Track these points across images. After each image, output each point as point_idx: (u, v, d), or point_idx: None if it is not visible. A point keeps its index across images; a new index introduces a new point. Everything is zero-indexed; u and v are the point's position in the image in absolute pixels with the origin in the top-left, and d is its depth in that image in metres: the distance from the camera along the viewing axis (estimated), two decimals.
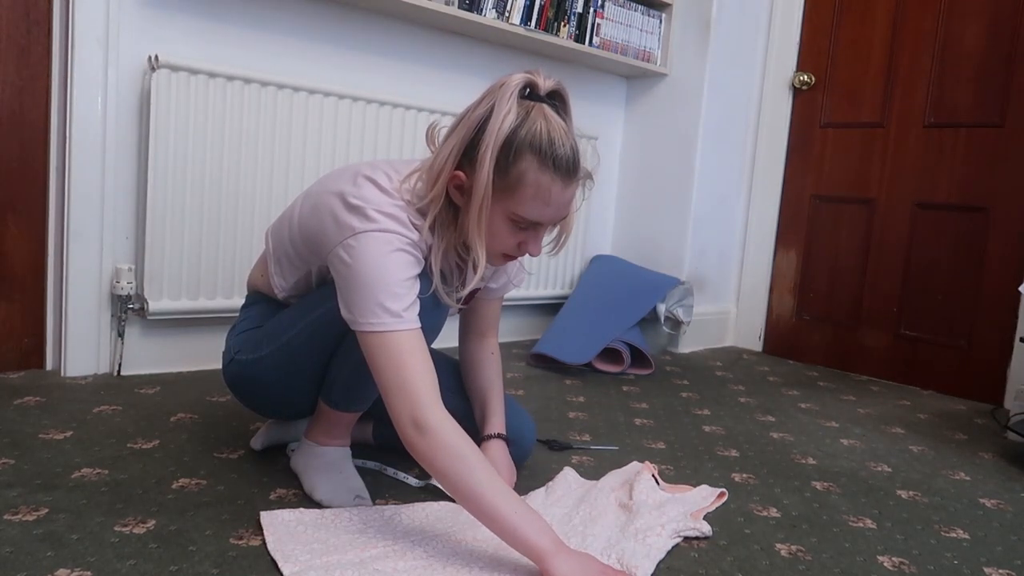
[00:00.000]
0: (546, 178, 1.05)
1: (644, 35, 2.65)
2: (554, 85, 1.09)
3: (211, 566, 0.98)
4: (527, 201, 1.06)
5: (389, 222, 1.05)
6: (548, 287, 2.65)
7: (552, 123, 1.05)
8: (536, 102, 1.06)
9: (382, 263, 1.04)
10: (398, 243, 1.05)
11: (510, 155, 1.04)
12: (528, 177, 1.04)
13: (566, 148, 1.05)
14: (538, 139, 1.03)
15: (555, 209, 1.08)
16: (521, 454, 1.39)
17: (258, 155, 1.88)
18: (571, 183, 1.08)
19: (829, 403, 2.16)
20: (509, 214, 1.07)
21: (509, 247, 1.11)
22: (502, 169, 1.04)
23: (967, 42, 2.38)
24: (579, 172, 1.09)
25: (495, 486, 1.00)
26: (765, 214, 2.84)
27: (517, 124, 1.04)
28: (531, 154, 1.04)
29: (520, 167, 1.04)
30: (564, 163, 1.05)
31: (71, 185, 1.72)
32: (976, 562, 1.20)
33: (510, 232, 1.09)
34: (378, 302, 1.03)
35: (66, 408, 1.54)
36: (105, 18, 1.70)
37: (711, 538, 1.19)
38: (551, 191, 1.06)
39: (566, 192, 1.08)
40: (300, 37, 2.01)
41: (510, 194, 1.06)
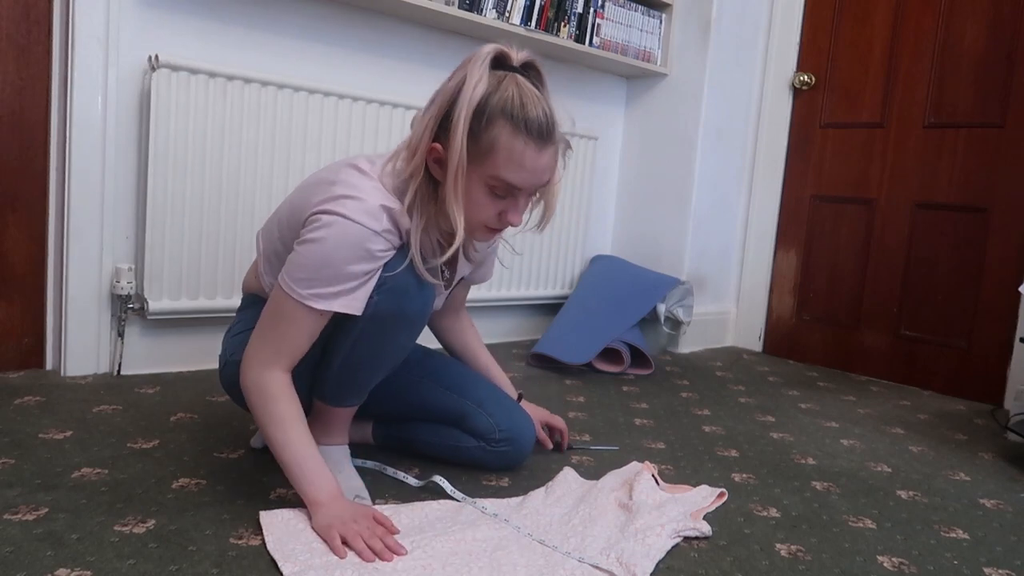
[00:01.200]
0: (519, 142, 1.06)
1: (644, 35, 2.65)
2: (527, 57, 1.12)
3: (211, 566, 0.98)
4: (501, 165, 1.07)
5: (358, 211, 1.06)
6: (548, 287, 2.65)
7: (524, 89, 1.08)
8: (508, 72, 1.09)
9: (326, 247, 1.06)
10: (355, 234, 1.06)
11: (483, 121, 1.06)
12: (501, 141, 1.06)
13: (538, 112, 1.07)
14: (510, 104, 1.06)
15: (531, 173, 1.09)
16: (520, 452, 1.39)
17: (258, 155, 1.88)
18: (545, 147, 1.09)
19: (829, 403, 2.16)
20: (486, 180, 1.09)
21: (490, 217, 1.12)
22: (476, 136, 1.06)
23: (967, 42, 2.38)
24: (554, 136, 1.10)
25: (292, 438, 1.08)
26: (765, 214, 2.84)
27: (489, 91, 1.06)
28: (503, 119, 1.06)
29: (493, 132, 1.06)
30: (536, 126, 1.07)
31: (71, 185, 1.72)
32: (976, 562, 1.20)
33: (489, 200, 1.11)
34: (306, 276, 1.07)
35: (66, 408, 1.54)
36: (105, 18, 1.70)
37: (711, 538, 1.19)
38: (525, 154, 1.07)
39: (541, 156, 1.09)
40: (300, 37, 2.01)
41: (485, 159, 1.07)
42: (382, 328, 1.15)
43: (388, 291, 1.11)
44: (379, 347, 1.17)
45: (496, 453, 1.37)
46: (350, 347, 1.17)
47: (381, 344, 1.17)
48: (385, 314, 1.13)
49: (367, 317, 1.12)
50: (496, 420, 1.36)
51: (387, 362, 1.22)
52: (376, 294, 1.11)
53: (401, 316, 1.14)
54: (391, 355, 1.21)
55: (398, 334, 1.17)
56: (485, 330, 2.55)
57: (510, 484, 1.35)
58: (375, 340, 1.16)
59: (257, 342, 1.12)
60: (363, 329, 1.14)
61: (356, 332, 1.15)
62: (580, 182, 2.66)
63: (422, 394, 1.39)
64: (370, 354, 1.18)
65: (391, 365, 1.24)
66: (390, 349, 1.19)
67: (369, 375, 1.22)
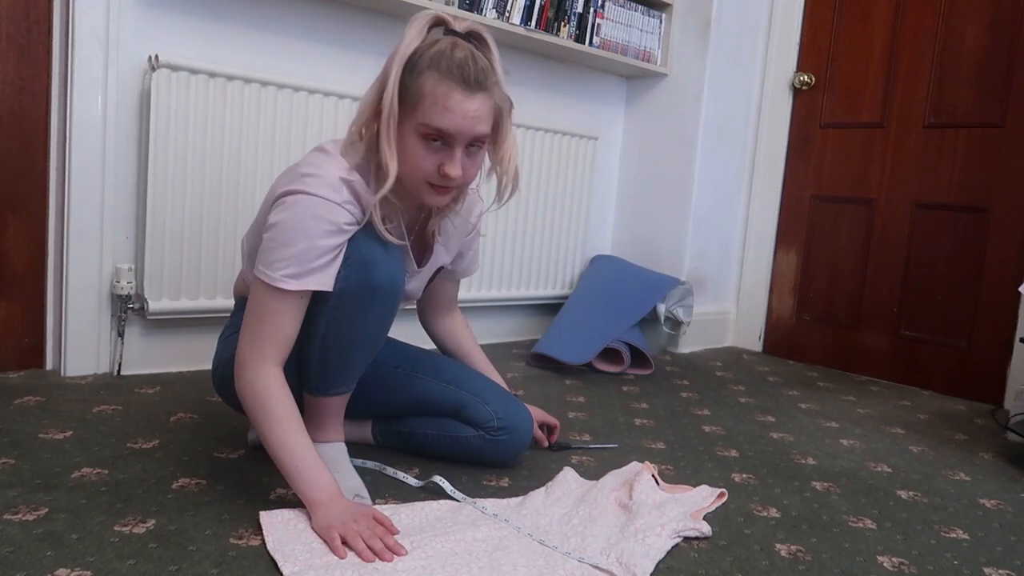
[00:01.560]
0: (444, 86, 1.09)
1: (644, 35, 2.65)
2: (470, 26, 1.15)
3: (211, 566, 0.98)
4: (428, 110, 1.09)
5: (318, 186, 1.10)
6: (548, 287, 2.65)
7: (458, 44, 1.11)
8: (447, 34, 1.13)
9: (292, 224, 1.09)
10: (319, 207, 1.09)
11: (414, 73, 1.09)
12: (427, 87, 1.09)
13: (465, 58, 1.10)
14: (440, 55, 1.09)
15: (458, 117, 1.10)
16: (519, 443, 1.40)
17: (258, 155, 1.88)
18: (473, 92, 1.10)
19: (829, 403, 2.16)
20: (417, 128, 1.11)
21: (429, 171, 1.13)
22: (407, 88, 1.10)
23: (967, 42, 2.38)
24: (485, 85, 1.11)
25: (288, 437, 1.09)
26: (765, 214, 2.84)
27: (423, 46, 1.10)
28: (432, 68, 1.09)
29: (421, 80, 1.09)
30: (461, 71, 1.09)
31: (71, 185, 1.72)
32: (976, 562, 1.20)
33: (425, 151, 1.12)
34: (278, 257, 1.09)
35: (66, 408, 1.54)
36: (105, 18, 1.70)
37: (711, 538, 1.19)
38: (450, 96, 1.09)
39: (469, 101, 1.10)
40: (300, 37, 2.01)
41: (415, 108, 1.10)
42: (354, 303, 1.16)
43: (354, 264, 1.14)
44: (354, 324, 1.18)
45: (495, 442, 1.37)
46: (326, 327, 1.18)
47: (355, 320, 1.18)
48: (355, 288, 1.14)
49: (337, 293, 1.14)
50: (494, 409, 1.37)
51: (365, 341, 1.21)
52: (343, 268, 1.13)
53: (371, 288, 1.15)
54: (368, 333, 1.21)
55: (371, 309, 1.17)
56: (485, 330, 2.55)
57: (510, 484, 1.35)
58: (349, 317, 1.17)
59: (245, 341, 1.14)
60: (335, 306, 1.16)
61: (329, 311, 1.16)
62: (580, 182, 2.66)
63: (419, 388, 1.40)
64: (346, 332, 1.19)
65: (371, 345, 1.23)
66: (365, 326, 1.19)
67: (349, 356, 1.22)
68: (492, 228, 2.44)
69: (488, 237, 2.43)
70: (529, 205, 2.53)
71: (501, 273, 2.49)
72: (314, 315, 1.17)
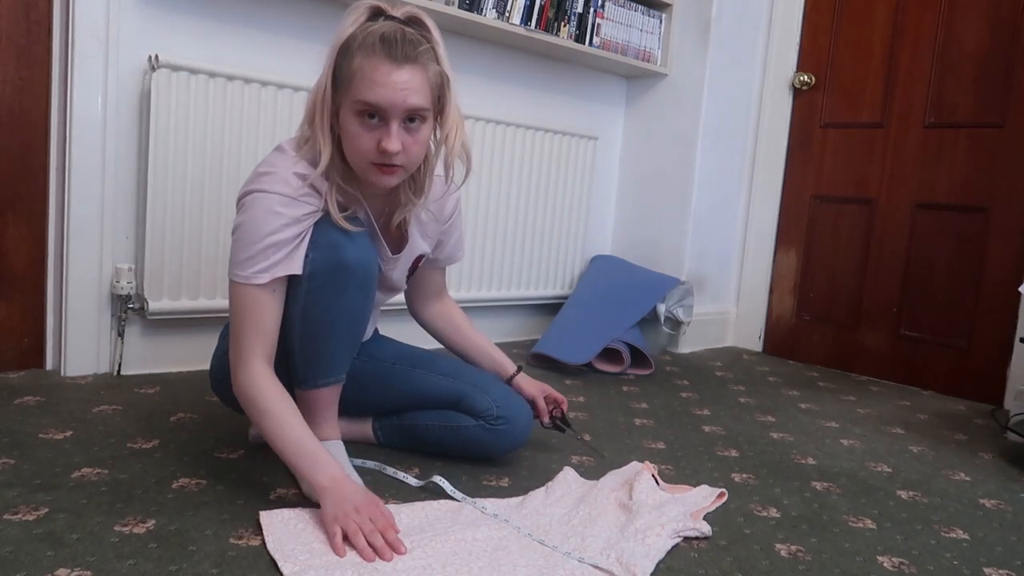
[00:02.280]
0: (372, 61, 1.11)
1: (644, 35, 2.65)
2: (409, 11, 1.16)
3: (211, 566, 0.98)
4: (359, 85, 1.11)
5: (272, 182, 1.13)
6: (548, 287, 2.65)
7: (389, 26, 1.12)
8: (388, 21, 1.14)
9: (253, 223, 1.13)
10: (275, 203, 1.12)
11: (347, 55, 1.12)
12: (357, 64, 1.11)
13: (390, 30, 1.11)
14: (370, 36, 1.12)
15: (388, 89, 1.11)
16: (518, 433, 1.40)
17: (258, 155, 1.88)
18: (401, 63, 1.11)
19: (829, 403, 2.16)
20: (352, 107, 1.13)
21: (369, 150, 1.14)
22: (342, 69, 1.13)
23: (967, 42, 2.38)
24: (412, 57, 1.12)
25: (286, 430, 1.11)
26: (765, 214, 2.84)
27: (357, 32, 1.12)
28: (362, 48, 1.12)
29: (353, 61, 1.12)
30: (387, 45, 1.11)
31: (71, 185, 1.72)
32: (976, 562, 1.20)
33: (362, 128, 1.13)
34: (245, 256, 1.13)
35: (66, 408, 1.54)
36: (105, 18, 1.70)
37: (711, 538, 1.19)
38: (378, 69, 1.10)
39: (398, 72, 1.11)
40: (300, 37, 2.01)
41: (348, 89, 1.12)
42: (326, 284, 1.17)
43: (322, 246, 1.16)
44: (330, 306, 1.18)
45: (495, 432, 1.37)
46: (302, 313, 1.18)
47: (331, 302, 1.18)
48: (325, 268, 1.16)
49: (309, 276, 1.16)
50: (493, 398, 1.38)
51: (345, 324, 1.22)
52: (312, 251, 1.15)
53: (342, 267, 1.16)
54: (346, 315, 1.21)
55: (344, 290, 1.18)
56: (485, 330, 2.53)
57: (510, 484, 1.35)
58: (324, 299, 1.18)
59: (232, 344, 1.17)
60: (308, 290, 1.17)
61: (304, 296, 1.17)
62: (580, 182, 2.66)
63: (417, 382, 1.41)
64: (323, 315, 1.19)
65: (351, 328, 1.23)
66: (342, 307, 1.19)
67: (330, 342, 1.22)
68: (493, 228, 2.44)
69: (488, 237, 2.43)
70: (529, 205, 2.53)
71: (501, 273, 2.49)
72: (291, 304, 1.19)
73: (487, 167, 2.37)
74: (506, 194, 2.45)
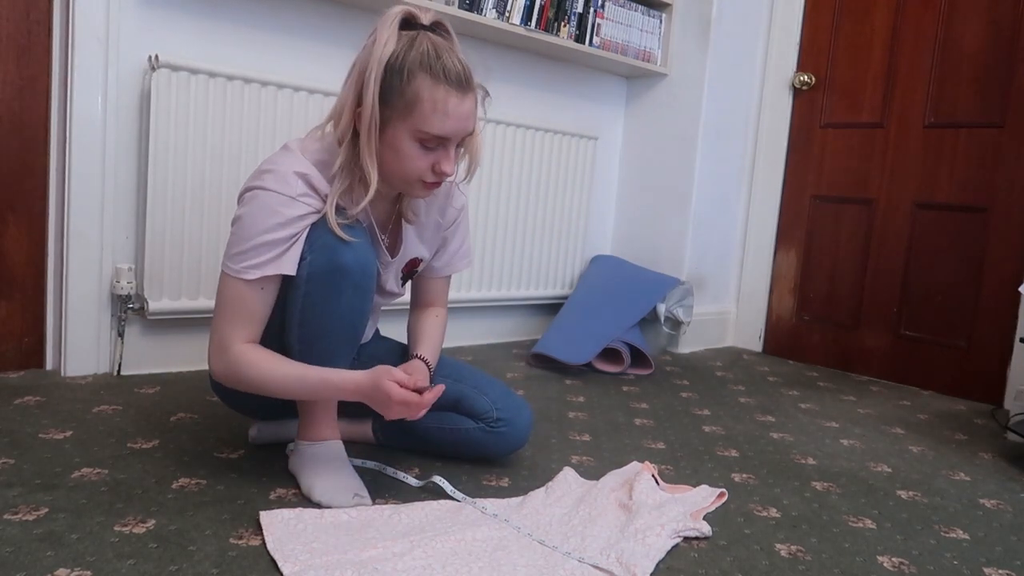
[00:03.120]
0: (441, 91, 1.11)
1: (644, 35, 2.65)
2: (435, 17, 1.17)
3: (211, 566, 0.98)
4: (428, 116, 1.12)
5: (273, 181, 1.14)
6: (548, 287, 2.65)
7: (437, 43, 1.13)
8: (419, 30, 1.14)
9: (249, 219, 1.14)
10: (273, 201, 1.13)
11: (403, 76, 1.11)
12: (423, 93, 1.11)
13: (454, 61, 1.13)
14: (427, 57, 1.11)
15: (456, 121, 1.14)
16: (518, 435, 1.40)
17: (258, 155, 1.88)
18: (466, 94, 1.14)
19: (829, 403, 2.16)
20: (414, 133, 1.13)
21: (423, 170, 1.17)
22: (398, 91, 1.12)
23: (967, 42, 2.38)
24: (472, 83, 1.15)
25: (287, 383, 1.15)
26: (765, 214, 2.84)
27: (403, 48, 1.11)
28: (422, 72, 1.11)
29: (414, 85, 1.11)
30: (455, 75, 1.12)
31: (71, 185, 1.72)
32: (976, 562, 1.20)
33: (420, 154, 1.15)
34: (238, 251, 1.14)
35: (66, 408, 1.54)
36: (105, 18, 1.70)
37: (711, 538, 1.19)
38: (448, 102, 1.12)
39: (463, 103, 1.14)
40: (300, 37, 2.01)
41: (410, 113, 1.12)
42: (324, 286, 1.17)
43: (320, 247, 1.16)
44: (327, 308, 1.18)
45: (495, 434, 1.37)
46: (300, 314, 1.19)
47: (328, 304, 1.18)
48: (322, 270, 1.16)
49: (306, 278, 1.16)
50: (492, 400, 1.38)
51: (342, 326, 1.21)
52: (308, 253, 1.16)
53: (339, 269, 1.16)
54: (343, 316, 1.20)
55: (342, 292, 1.17)
56: (485, 330, 2.56)
57: (510, 484, 1.35)
58: (321, 301, 1.17)
59: (214, 333, 1.19)
60: (306, 292, 1.17)
61: (301, 297, 1.17)
62: (580, 182, 2.66)
63: None
64: (321, 317, 1.19)
65: (349, 331, 1.22)
66: (339, 310, 1.19)
67: (328, 343, 1.21)
68: (493, 228, 2.44)
69: (488, 237, 2.43)
70: (529, 205, 2.53)
71: (501, 273, 2.49)
72: (289, 305, 1.19)
73: (487, 167, 2.37)
74: (506, 194, 2.45)
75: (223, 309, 1.17)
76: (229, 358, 1.16)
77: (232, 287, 1.16)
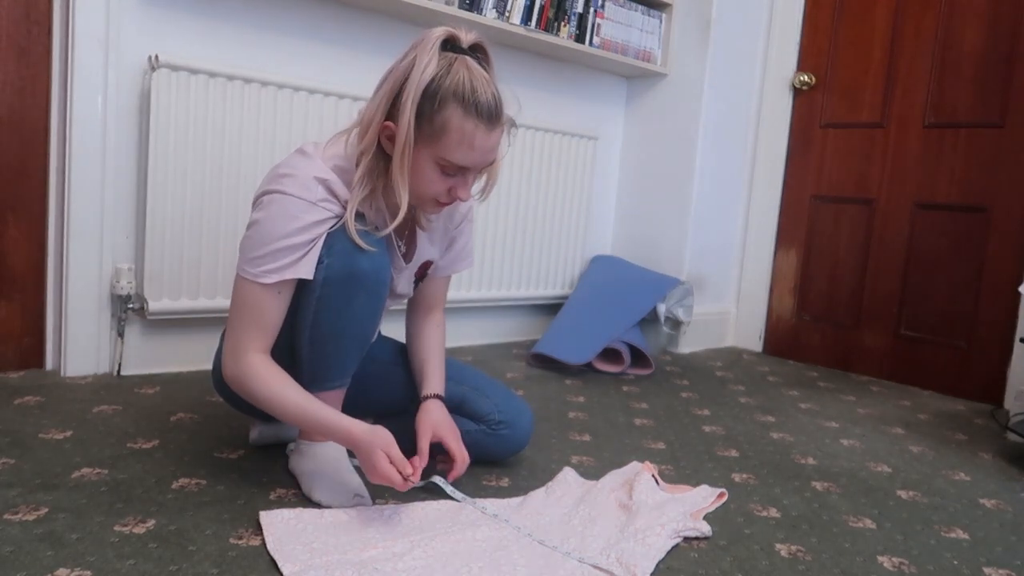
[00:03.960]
0: (470, 124, 1.10)
1: (644, 35, 2.64)
2: (476, 38, 1.16)
3: (211, 566, 0.98)
4: (453, 147, 1.11)
5: (293, 186, 1.13)
6: (548, 287, 2.65)
7: (474, 72, 1.12)
8: (458, 54, 1.13)
9: (268, 223, 1.13)
10: (293, 206, 1.12)
11: (435, 103, 1.10)
12: (452, 123, 1.10)
13: (488, 95, 1.11)
14: (461, 87, 1.10)
15: (480, 154, 1.14)
16: (520, 437, 1.40)
17: (258, 155, 1.88)
18: (494, 128, 1.14)
19: (829, 403, 2.16)
20: (437, 159, 1.13)
21: (439, 192, 1.17)
22: (428, 117, 1.10)
23: (967, 42, 2.38)
24: (502, 118, 1.15)
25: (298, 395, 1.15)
26: (765, 214, 2.84)
27: (440, 74, 1.10)
28: (455, 102, 1.10)
29: (445, 114, 1.10)
30: (487, 109, 1.11)
31: (71, 185, 1.72)
32: (976, 562, 1.20)
33: (439, 178, 1.15)
34: (255, 255, 1.13)
35: (66, 408, 1.54)
36: (105, 18, 1.70)
37: (711, 538, 1.19)
38: (475, 136, 1.11)
39: (490, 137, 1.13)
40: (300, 37, 2.01)
41: (437, 140, 1.12)
42: (339, 291, 1.17)
43: (338, 253, 1.15)
44: (341, 312, 1.18)
45: (497, 436, 1.38)
46: (314, 317, 1.19)
47: (342, 309, 1.18)
48: (339, 276, 1.16)
49: (322, 282, 1.16)
50: (495, 402, 1.38)
51: (355, 330, 1.21)
52: (326, 257, 1.15)
53: (355, 275, 1.16)
54: (356, 322, 1.21)
55: (356, 297, 1.18)
56: (485, 330, 2.56)
57: (510, 484, 1.35)
58: (335, 305, 1.18)
59: (229, 336, 1.18)
60: (320, 296, 1.17)
61: (315, 301, 1.17)
62: (580, 182, 2.66)
63: None
64: (334, 321, 1.19)
65: (361, 335, 1.23)
66: (352, 314, 1.19)
67: (339, 347, 1.22)
68: (493, 228, 2.44)
69: (489, 237, 2.43)
70: (529, 205, 2.53)
71: (501, 273, 2.49)
72: (303, 307, 1.19)
73: None
74: (506, 194, 2.45)
75: (239, 314, 1.16)
76: (241, 366, 1.15)
77: (249, 291, 1.15)
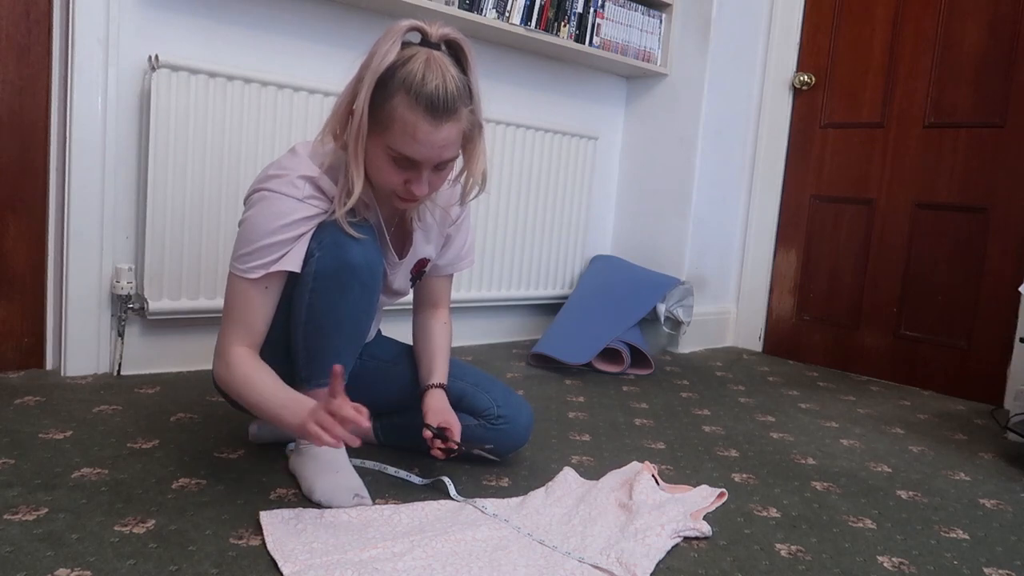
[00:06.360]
0: (412, 115, 1.09)
1: (644, 35, 2.65)
2: (449, 34, 1.14)
3: (211, 566, 0.98)
4: (398, 137, 1.10)
5: (280, 184, 1.14)
6: (548, 287, 2.65)
7: (432, 64, 1.09)
8: (425, 47, 1.12)
9: (256, 220, 1.14)
10: (280, 204, 1.14)
11: (386, 91, 1.09)
12: (397, 113, 1.09)
13: (436, 87, 1.08)
14: (411, 77, 1.08)
15: (426, 148, 1.11)
16: (519, 432, 1.41)
17: (258, 155, 1.88)
18: (440, 122, 1.10)
19: (829, 403, 2.16)
20: (386, 149, 1.13)
21: (395, 184, 1.16)
22: (378, 105, 1.10)
23: (967, 42, 2.38)
24: (453, 113, 1.11)
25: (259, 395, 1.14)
26: (765, 214, 2.84)
27: (397, 63, 1.09)
28: (402, 91, 1.08)
29: (392, 103, 1.09)
30: (431, 101, 1.08)
31: (71, 185, 1.72)
32: (976, 562, 1.20)
33: (392, 169, 1.15)
34: (244, 251, 1.15)
35: (66, 408, 1.54)
36: (105, 18, 1.70)
37: (711, 538, 1.19)
38: (417, 127, 1.09)
39: (436, 131, 1.10)
40: (300, 37, 2.01)
41: (385, 129, 1.11)
42: (331, 284, 1.17)
43: (328, 246, 1.16)
44: (334, 305, 1.19)
45: (496, 431, 1.38)
46: (307, 311, 1.19)
47: (334, 302, 1.18)
48: (330, 268, 1.16)
49: (313, 274, 1.16)
50: (493, 397, 1.39)
51: (348, 324, 1.21)
52: (316, 250, 1.16)
53: (346, 268, 1.16)
54: (349, 315, 1.20)
55: (349, 290, 1.18)
56: (485, 330, 2.56)
57: (510, 484, 1.35)
58: (327, 298, 1.18)
59: (221, 333, 1.20)
60: (313, 289, 1.17)
61: (308, 294, 1.18)
62: (580, 182, 2.66)
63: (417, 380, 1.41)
64: (327, 314, 1.19)
65: (355, 329, 1.23)
66: (346, 309, 1.19)
67: (333, 341, 1.21)
68: (492, 228, 2.44)
69: (488, 237, 2.43)
70: (529, 205, 2.53)
71: (501, 273, 2.49)
72: (297, 302, 1.20)
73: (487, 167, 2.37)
74: (506, 194, 2.45)
75: (227, 311, 1.19)
76: (224, 361, 1.17)
77: (237, 287, 1.17)
